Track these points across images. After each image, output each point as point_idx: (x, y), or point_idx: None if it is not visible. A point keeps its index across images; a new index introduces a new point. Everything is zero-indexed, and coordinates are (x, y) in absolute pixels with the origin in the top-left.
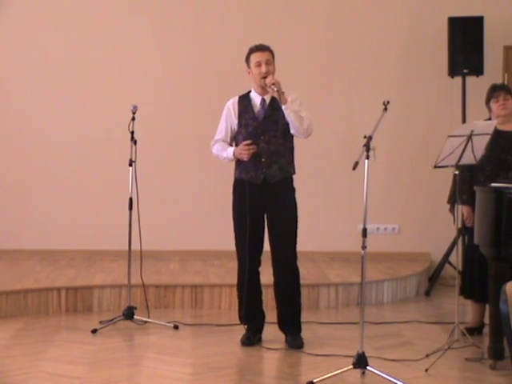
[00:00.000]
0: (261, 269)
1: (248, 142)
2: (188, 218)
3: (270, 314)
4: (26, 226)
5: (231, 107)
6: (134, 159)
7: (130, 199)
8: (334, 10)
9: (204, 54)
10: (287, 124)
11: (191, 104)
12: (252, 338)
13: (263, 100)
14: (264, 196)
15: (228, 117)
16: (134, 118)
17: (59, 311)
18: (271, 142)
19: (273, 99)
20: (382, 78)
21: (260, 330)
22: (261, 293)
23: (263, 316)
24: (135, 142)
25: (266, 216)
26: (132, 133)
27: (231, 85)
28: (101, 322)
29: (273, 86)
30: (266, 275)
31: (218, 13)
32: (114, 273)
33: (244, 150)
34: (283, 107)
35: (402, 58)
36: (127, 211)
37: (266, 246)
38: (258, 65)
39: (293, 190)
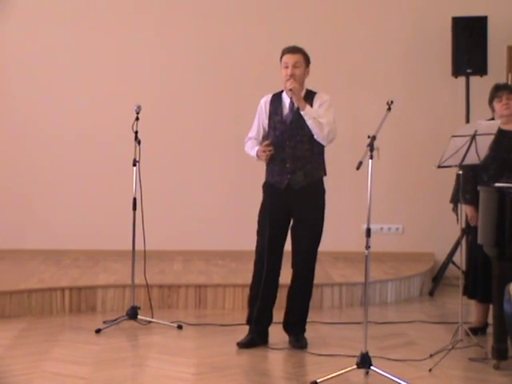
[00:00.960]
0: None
1: (267, 142)
2: (192, 218)
3: (274, 314)
4: (30, 226)
5: (263, 106)
6: (137, 159)
7: (134, 199)
8: (338, 9)
9: (208, 53)
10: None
11: (195, 104)
12: (251, 340)
13: (292, 103)
14: (289, 200)
15: (260, 115)
16: (137, 118)
17: (63, 311)
18: (297, 148)
19: (304, 101)
20: (385, 77)
21: (264, 334)
22: (275, 296)
23: (270, 320)
24: (139, 142)
25: (291, 219)
26: (136, 133)
27: (236, 84)
28: (104, 322)
29: (289, 92)
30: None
31: (222, 12)
32: (117, 273)
33: (262, 152)
34: (302, 113)
35: (406, 58)
36: (131, 211)
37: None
38: (286, 66)
39: (321, 193)
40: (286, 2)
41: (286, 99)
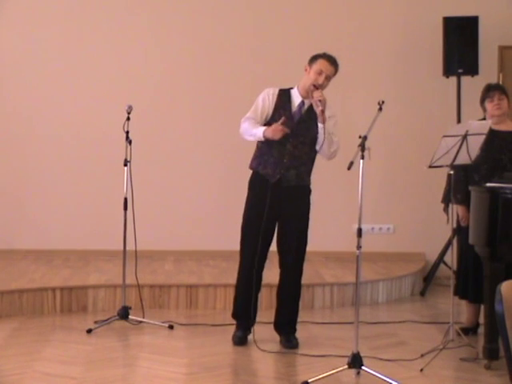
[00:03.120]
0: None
1: (284, 119)
2: (183, 218)
3: (265, 313)
4: (21, 226)
5: (270, 95)
6: (128, 159)
7: (125, 199)
8: (329, 9)
9: (200, 53)
10: (316, 137)
11: (186, 104)
12: (243, 338)
13: (302, 103)
14: (277, 197)
15: (265, 101)
16: (128, 118)
17: (54, 311)
18: (297, 148)
19: (311, 106)
20: (376, 77)
21: (249, 328)
22: (259, 290)
23: (255, 314)
24: (130, 142)
25: (279, 216)
26: (127, 133)
27: (228, 85)
28: (96, 322)
29: (319, 103)
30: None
31: (216, 12)
32: (108, 273)
33: (279, 129)
34: (320, 125)
35: (397, 58)
36: (122, 211)
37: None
38: (319, 73)
39: (308, 201)
40: (279, 3)
41: (296, 97)
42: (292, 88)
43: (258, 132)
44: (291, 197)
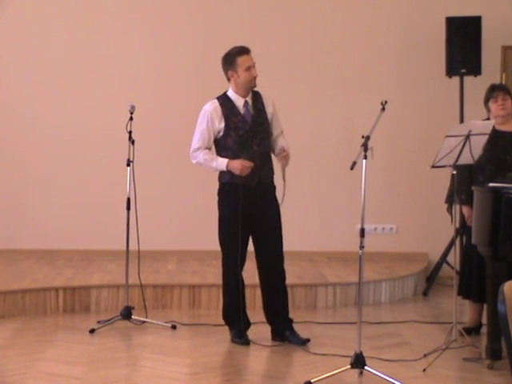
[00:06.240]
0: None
1: (248, 163)
2: (186, 218)
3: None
4: (24, 226)
5: (213, 112)
6: (131, 159)
7: (128, 199)
8: (332, 9)
9: (201, 54)
10: (270, 126)
11: (189, 104)
12: (244, 336)
13: (246, 102)
14: (253, 198)
15: (211, 122)
16: (131, 118)
17: (57, 311)
18: (261, 145)
19: (254, 100)
20: (379, 77)
21: (246, 329)
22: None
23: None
24: (133, 142)
25: (255, 217)
26: (130, 133)
27: (228, 85)
28: (98, 322)
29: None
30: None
31: (216, 13)
32: (111, 273)
33: (246, 169)
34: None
35: (400, 58)
36: (125, 211)
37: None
38: (248, 69)
39: (275, 189)
40: (279, 4)
41: (237, 100)
42: (226, 93)
43: (220, 165)
44: (266, 193)
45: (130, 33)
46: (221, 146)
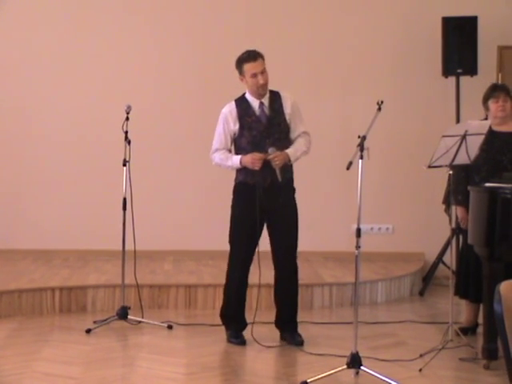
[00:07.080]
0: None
1: (258, 155)
2: (182, 218)
3: (264, 313)
4: (21, 226)
5: (228, 114)
6: (127, 159)
7: (124, 199)
8: (328, 10)
9: (199, 54)
10: (288, 126)
11: (186, 104)
12: (240, 335)
13: (261, 103)
14: (268, 197)
15: (226, 124)
16: (127, 118)
17: (53, 311)
18: (276, 146)
19: (272, 100)
20: (376, 78)
21: (242, 328)
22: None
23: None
24: (129, 142)
25: (268, 217)
26: (126, 133)
27: (226, 86)
28: (95, 322)
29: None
30: (256, 275)
31: (214, 13)
32: (108, 273)
33: (257, 161)
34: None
35: (396, 58)
36: (121, 211)
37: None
38: (254, 76)
39: (293, 191)
40: (277, 5)
41: (253, 101)
42: (245, 94)
43: (234, 163)
44: (280, 193)
45: (126, 33)
46: (237, 146)
